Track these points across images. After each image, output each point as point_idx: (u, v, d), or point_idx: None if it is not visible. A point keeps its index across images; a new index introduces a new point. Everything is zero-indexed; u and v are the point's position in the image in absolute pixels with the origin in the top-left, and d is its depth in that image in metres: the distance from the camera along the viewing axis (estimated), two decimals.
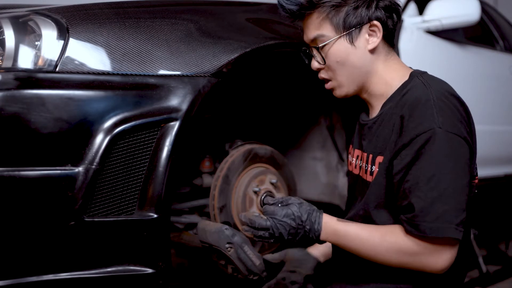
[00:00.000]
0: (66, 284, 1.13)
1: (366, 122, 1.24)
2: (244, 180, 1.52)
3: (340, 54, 1.17)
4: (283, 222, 1.14)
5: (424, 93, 1.09)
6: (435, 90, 1.09)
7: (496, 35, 3.02)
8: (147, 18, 1.28)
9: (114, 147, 1.15)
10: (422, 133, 1.04)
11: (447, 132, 1.03)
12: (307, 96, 1.90)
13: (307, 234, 1.14)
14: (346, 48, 1.17)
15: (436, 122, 1.03)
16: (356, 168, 1.27)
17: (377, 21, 1.16)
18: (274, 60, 1.59)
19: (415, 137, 1.05)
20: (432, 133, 1.03)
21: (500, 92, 2.72)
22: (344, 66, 1.18)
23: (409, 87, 1.14)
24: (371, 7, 1.16)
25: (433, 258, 1.05)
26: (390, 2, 1.18)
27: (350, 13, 1.15)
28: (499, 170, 2.70)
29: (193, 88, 1.24)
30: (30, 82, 1.10)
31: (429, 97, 1.07)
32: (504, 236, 3.36)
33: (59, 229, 1.11)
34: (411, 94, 1.11)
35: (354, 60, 1.18)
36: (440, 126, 1.03)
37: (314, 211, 1.16)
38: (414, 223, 1.03)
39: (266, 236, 1.17)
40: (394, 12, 1.19)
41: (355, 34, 1.16)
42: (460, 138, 1.04)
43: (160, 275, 1.21)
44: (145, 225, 1.18)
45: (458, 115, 1.07)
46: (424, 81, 1.13)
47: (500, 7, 5.09)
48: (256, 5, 1.55)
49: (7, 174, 1.07)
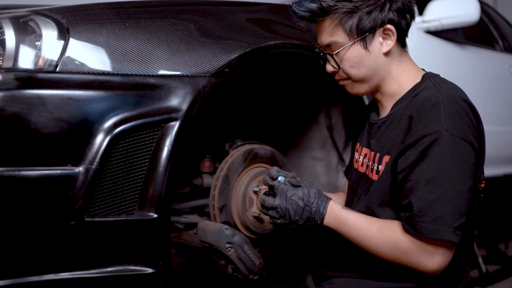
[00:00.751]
0: (67, 284, 1.13)
1: (376, 121, 1.25)
2: (244, 180, 1.53)
3: (355, 59, 1.18)
4: (291, 201, 1.17)
5: (434, 95, 1.09)
6: (446, 93, 1.10)
7: (496, 35, 3.03)
8: (147, 18, 1.28)
9: (114, 147, 1.15)
10: (428, 134, 1.05)
11: (453, 136, 1.04)
12: (307, 96, 1.90)
13: (312, 216, 1.17)
14: (360, 53, 1.17)
15: (443, 125, 1.04)
16: (363, 166, 1.28)
17: (390, 25, 1.16)
18: (274, 60, 1.59)
19: (421, 138, 1.06)
20: (438, 136, 1.04)
21: (499, 92, 2.72)
22: (359, 70, 1.19)
23: (420, 88, 1.15)
24: (384, 10, 1.15)
25: (425, 258, 1.05)
26: (403, 3, 1.17)
27: (363, 18, 1.14)
28: (499, 170, 2.70)
29: (193, 88, 1.24)
30: (31, 82, 1.10)
31: (439, 100, 1.08)
32: (504, 236, 3.37)
33: (59, 229, 1.12)
34: (421, 96, 1.12)
35: (369, 64, 1.18)
36: (447, 129, 1.04)
37: (322, 195, 1.18)
38: (412, 222, 1.04)
39: (274, 216, 1.19)
40: (407, 12, 1.18)
41: (369, 38, 1.16)
42: (466, 143, 1.05)
43: (160, 275, 1.21)
44: (145, 225, 1.18)
45: (467, 120, 1.07)
46: (436, 83, 1.13)
47: (500, 7, 5.09)
48: (256, 5, 1.56)
49: (8, 174, 1.07)
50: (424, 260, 1.06)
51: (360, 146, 1.32)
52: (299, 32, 1.51)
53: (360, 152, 1.31)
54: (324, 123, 1.98)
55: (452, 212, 1.02)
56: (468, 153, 1.06)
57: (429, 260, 1.05)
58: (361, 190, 1.27)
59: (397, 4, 1.16)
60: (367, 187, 1.24)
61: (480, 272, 2.60)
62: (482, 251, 3.04)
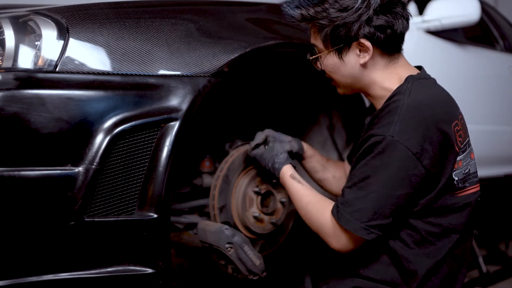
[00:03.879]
0: (66, 284, 1.13)
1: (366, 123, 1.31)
2: (244, 180, 1.53)
3: (331, 66, 1.25)
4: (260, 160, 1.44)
5: (399, 100, 1.13)
6: (412, 99, 1.12)
7: (496, 35, 3.02)
8: (147, 18, 1.28)
9: (114, 147, 1.15)
10: (375, 135, 1.11)
11: (397, 143, 1.08)
12: (307, 96, 1.90)
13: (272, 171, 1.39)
14: (335, 62, 1.23)
15: (390, 130, 1.09)
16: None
17: (365, 39, 1.16)
18: (274, 60, 1.59)
19: (370, 136, 1.13)
20: (381, 139, 1.09)
21: (500, 92, 2.72)
22: (337, 75, 1.26)
23: (395, 91, 1.18)
24: (360, 25, 1.15)
25: (333, 239, 1.18)
26: (386, 21, 1.16)
27: (338, 31, 1.18)
28: (499, 170, 2.70)
29: (193, 88, 1.24)
30: (30, 82, 1.10)
31: (399, 105, 1.11)
32: (504, 236, 3.37)
33: (59, 229, 1.11)
34: (392, 99, 1.16)
35: (345, 73, 1.24)
36: (392, 135, 1.08)
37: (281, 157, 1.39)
38: (338, 208, 1.15)
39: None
40: (388, 28, 1.17)
41: (345, 50, 1.20)
42: (410, 152, 1.08)
43: (160, 275, 1.21)
44: (145, 225, 1.18)
45: (422, 131, 1.08)
46: (411, 88, 1.15)
47: (500, 7, 5.09)
48: (256, 5, 1.55)
49: (7, 174, 1.07)
50: (332, 239, 1.18)
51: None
52: (299, 32, 1.51)
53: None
54: (324, 124, 1.98)
55: (370, 211, 1.10)
56: (408, 161, 1.08)
57: (335, 241, 1.18)
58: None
59: (377, 22, 1.15)
60: None
61: (481, 272, 2.60)
62: (483, 251, 3.04)
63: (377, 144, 1.10)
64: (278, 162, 1.38)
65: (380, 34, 1.16)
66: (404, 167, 1.08)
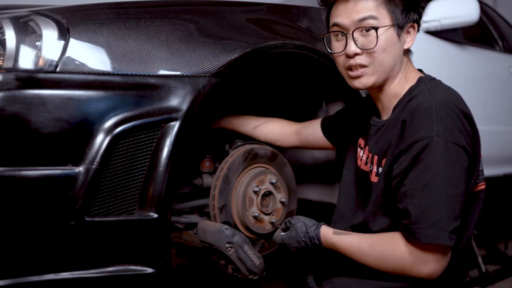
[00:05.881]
0: (67, 284, 1.13)
1: (376, 123, 1.27)
2: (244, 180, 1.53)
3: (389, 42, 1.16)
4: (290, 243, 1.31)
5: (427, 100, 1.10)
6: (440, 98, 1.10)
7: (495, 35, 3.03)
8: (147, 18, 1.28)
9: (115, 147, 1.15)
10: (419, 140, 1.06)
11: (445, 141, 1.05)
12: (307, 96, 1.90)
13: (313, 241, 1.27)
14: (394, 39, 1.17)
15: (435, 130, 1.05)
16: (367, 165, 1.29)
17: (416, 23, 1.20)
18: (274, 60, 1.59)
19: (413, 143, 1.07)
20: (429, 141, 1.05)
21: (499, 92, 2.72)
22: (388, 54, 1.17)
23: (415, 92, 1.15)
24: (416, 8, 1.19)
25: (419, 265, 1.07)
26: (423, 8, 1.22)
27: (404, 9, 1.17)
28: (499, 170, 2.70)
29: (193, 88, 1.25)
30: (31, 82, 1.10)
31: (432, 105, 1.09)
32: (504, 236, 3.36)
33: (59, 229, 1.12)
34: (415, 100, 1.13)
35: (395, 53, 1.18)
36: (438, 134, 1.05)
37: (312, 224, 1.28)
38: (412, 230, 1.06)
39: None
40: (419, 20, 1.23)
41: (405, 28, 1.19)
42: (458, 147, 1.06)
43: (160, 275, 1.21)
44: (145, 225, 1.18)
45: (459, 125, 1.08)
46: (431, 88, 1.14)
47: (499, 8, 5.09)
48: (256, 5, 1.56)
49: (8, 174, 1.08)
50: (419, 266, 1.07)
51: (364, 144, 1.33)
52: (299, 32, 1.51)
53: (364, 150, 1.33)
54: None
55: (447, 217, 1.03)
56: (461, 157, 1.07)
57: (423, 266, 1.07)
58: (359, 187, 1.32)
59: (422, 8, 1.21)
60: (366, 188, 1.27)
61: (480, 272, 2.59)
62: (482, 251, 3.04)
63: (425, 148, 1.05)
64: (312, 230, 1.28)
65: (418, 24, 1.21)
66: (459, 163, 1.06)
